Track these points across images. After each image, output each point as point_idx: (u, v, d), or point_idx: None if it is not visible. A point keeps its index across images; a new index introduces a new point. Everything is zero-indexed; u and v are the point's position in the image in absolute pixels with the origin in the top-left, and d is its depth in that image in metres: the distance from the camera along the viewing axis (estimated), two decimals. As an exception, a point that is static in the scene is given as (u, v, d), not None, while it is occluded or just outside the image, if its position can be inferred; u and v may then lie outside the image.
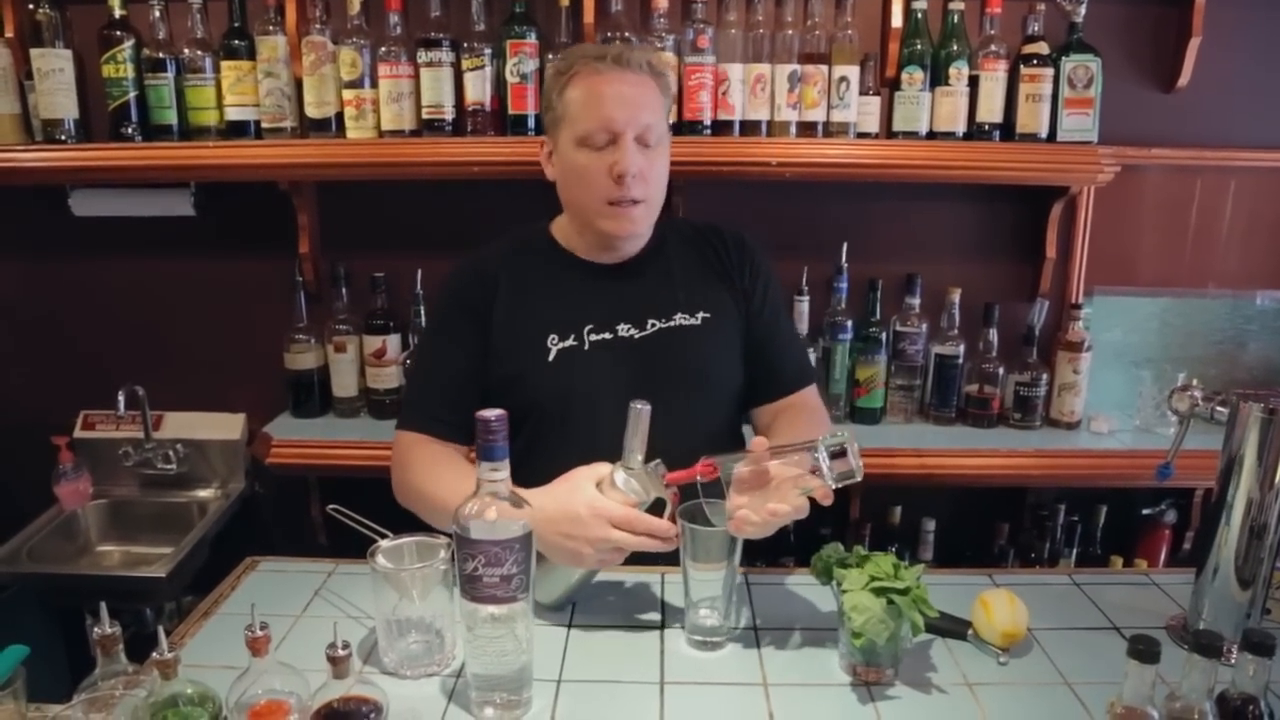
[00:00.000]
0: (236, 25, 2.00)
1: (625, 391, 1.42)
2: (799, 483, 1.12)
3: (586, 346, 1.42)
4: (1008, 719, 1.06)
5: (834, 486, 1.09)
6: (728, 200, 1.84)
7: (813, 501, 1.12)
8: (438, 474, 1.33)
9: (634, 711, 1.06)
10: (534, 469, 1.20)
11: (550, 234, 1.51)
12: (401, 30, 1.97)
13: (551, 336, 1.42)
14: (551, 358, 1.40)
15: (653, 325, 1.45)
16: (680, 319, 1.46)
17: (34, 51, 1.98)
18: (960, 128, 2.00)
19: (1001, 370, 2.14)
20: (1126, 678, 0.89)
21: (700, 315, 1.47)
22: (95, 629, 0.96)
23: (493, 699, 1.04)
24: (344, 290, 2.19)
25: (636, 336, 1.44)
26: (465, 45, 1.95)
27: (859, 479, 1.09)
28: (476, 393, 1.40)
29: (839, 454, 1.09)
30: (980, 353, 2.14)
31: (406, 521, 1.22)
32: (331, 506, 1.31)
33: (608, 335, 1.44)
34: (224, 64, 1.99)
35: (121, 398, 2.09)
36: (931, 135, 2.01)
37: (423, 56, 1.95)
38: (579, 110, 1.36)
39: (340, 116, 2.00)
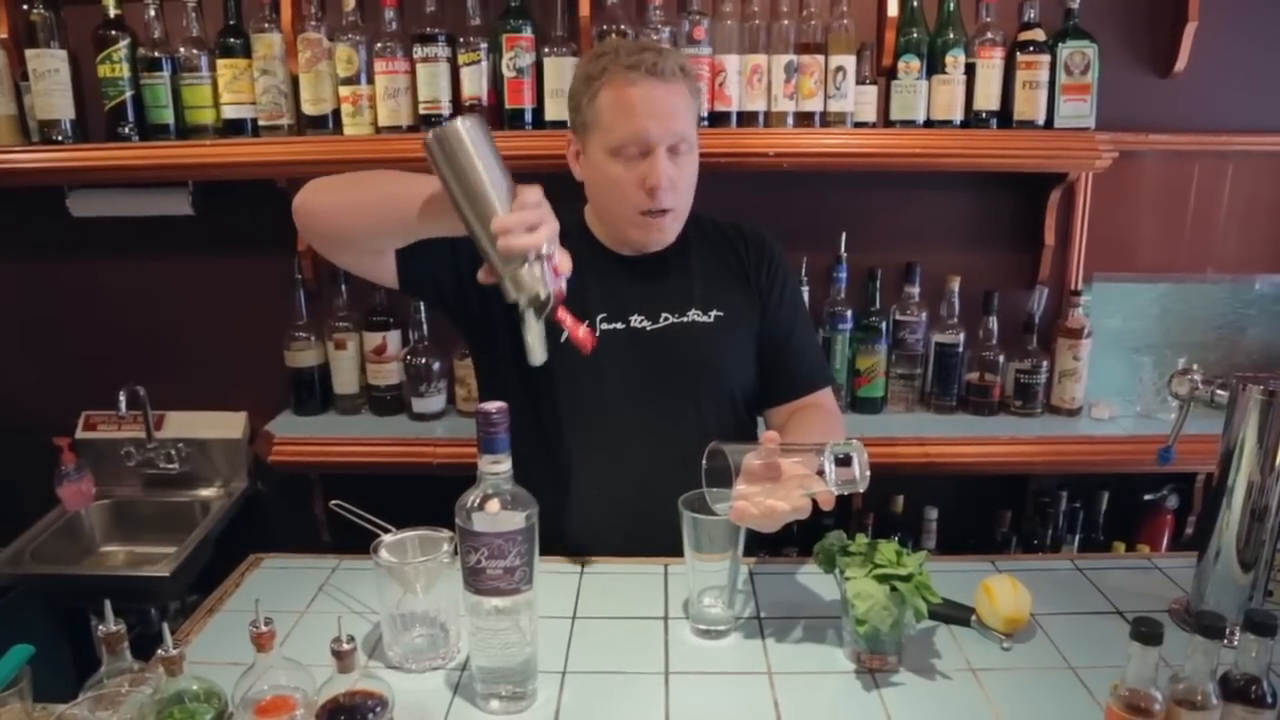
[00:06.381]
0: (232, 23, 1.99)
1: (632, 381, 1.43)
2: (804, 483, 1.12)
3: (597, 334, 1.42)
4: (1012, 704, 1.06)
5: (836, 493, 1.09)
6: (725, 191, 1.84)
7: (815, 504, 1.12)
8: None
9: (639, 702, 1.07)
10: (537, 452, 1.20)
11: (583, 217, 1.51)
12: (397, 26, 1.97)
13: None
14: (561, 340, 1.40)
15: (665, 319, 1.46)
16: (694, 315, 1.47)
17: (29, 52, 1.98)
18: (957, 116, 2.00)
19: (1002, 358, 2.14)
20: (1130, 660, 0.89)
21: (714, 313, 1.47)
22: (100, 627, 0.96)
23: (498, 691, 1.05)
24: (344, 287, 2.18)
25: (649, 329, 1.45)
26: (461, 40, 1.95)
27: (861, 490, 1.09)
28: (448, 274, 1.40)
29: (844, 462, 1.09)
30: (980, 341, 2.15)
31: (409, 516, 1.22)
32: (334, 502, 1.31)
33: (620, 325, 1.44)
34: (220, 62, 1.99)
35: (123, 398, 2.09)
36: (929, 124, 2.01)
37: (419, 52, 1.94)
38: (611, 120, 1.34)
39: (337, 113, 2.00)
